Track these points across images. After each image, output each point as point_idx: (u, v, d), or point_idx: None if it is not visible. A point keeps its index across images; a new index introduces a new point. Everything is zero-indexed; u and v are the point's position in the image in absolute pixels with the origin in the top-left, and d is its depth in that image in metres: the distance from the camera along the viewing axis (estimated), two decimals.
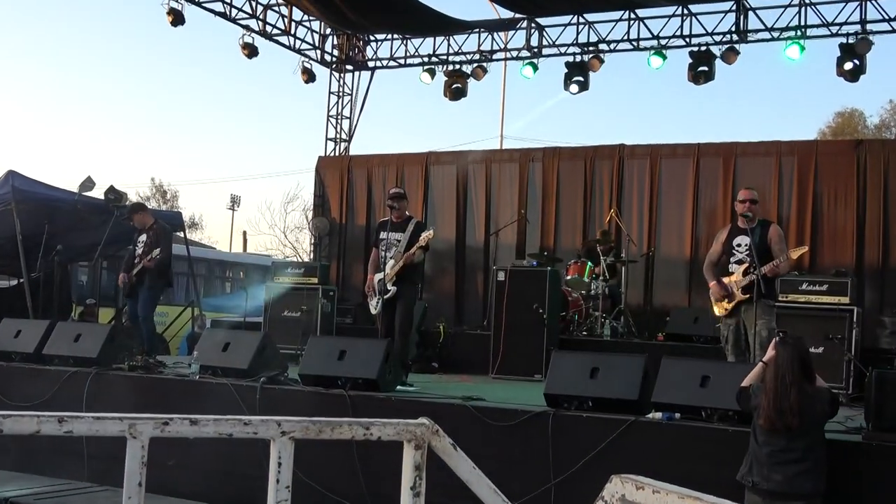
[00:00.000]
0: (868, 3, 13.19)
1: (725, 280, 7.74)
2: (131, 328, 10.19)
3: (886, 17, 13.09)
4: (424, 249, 8.76)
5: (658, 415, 6.14)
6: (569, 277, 11.86)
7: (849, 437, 5.72)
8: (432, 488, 3.10)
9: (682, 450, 5.86)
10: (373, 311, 8.91)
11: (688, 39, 14.31)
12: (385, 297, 8.59)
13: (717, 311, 7.86)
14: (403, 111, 65.69)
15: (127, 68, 72.40)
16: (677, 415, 6.09)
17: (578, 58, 14.93)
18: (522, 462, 6.39)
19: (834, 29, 13.45)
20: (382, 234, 8.82)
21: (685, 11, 14.25)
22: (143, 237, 10.33)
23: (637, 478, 2.07)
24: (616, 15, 14.79)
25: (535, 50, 15.46)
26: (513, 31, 15.80)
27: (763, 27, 13.89)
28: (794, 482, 4.92)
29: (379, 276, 8.71)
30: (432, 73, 16.04)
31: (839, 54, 13.13)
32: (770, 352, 5.31)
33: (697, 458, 5.77)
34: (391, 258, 8.66)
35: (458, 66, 15.96)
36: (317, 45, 16.66)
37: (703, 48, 14.02)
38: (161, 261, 10.09)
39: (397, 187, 9.63)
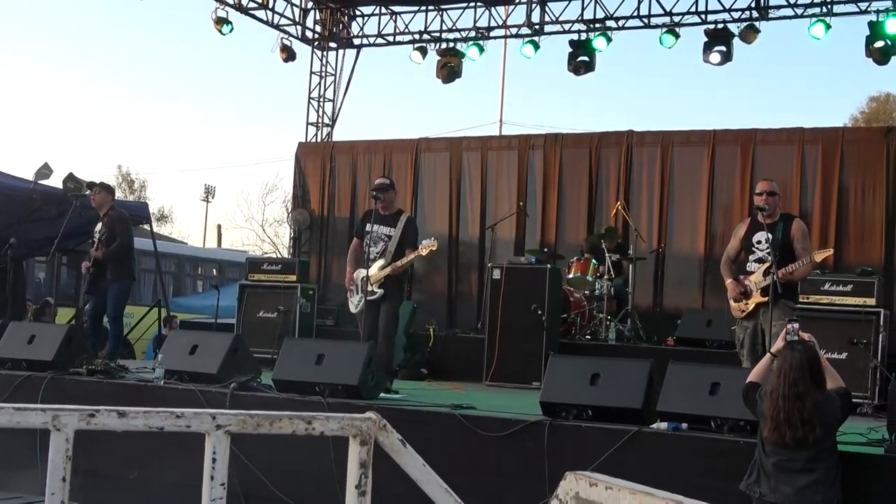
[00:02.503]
0: None
1: (744, 280, 7.79)
2: (91, 327, 10.23)
3: None
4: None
5: (663, 425, 6.19)
6: (571, 276, 11.90)
7: (870, 449, 5.77)
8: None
9: (689, 462, 5.91)
10: (353, 310, 8.96)
11: (703, 16, 14.34)
12: (370, 298, 8.64)
13: (735, 312, 7.91)
14: (392, 93, 65.62)
15: (88, 43, 72.35)
16: (684, 425, 6.13)
17: (583, 36, 14.96)
18: (516, 476, 6.44)
19: (862, 5, 13.50)
20: (368, 227, 8.84)
21: None
22: (100, 225, 10.42)
23: (591, 474, 2.13)
24: None
25: (537, 27, 15.47)
26: (512, 6, 15.82)
27: (785, 3, 13.93)
28: (803, 494, 4.98)
29: (362, 272, 8.75)
30: (424, 51, 16.06)
31: (868, 33, 13.17)
32: (779, 343, 5.37)
33: (705, 471, 5.81)
34: (378, 255, 8.70)
35: (451, 45, 15.98)
36: (297, 19, 16.67)
37: (720, 26, 14.06)
38: (118, 250, 10.17)
39: (383, 177, 9.67)
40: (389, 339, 8.69)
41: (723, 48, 13.92)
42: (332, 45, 17.14)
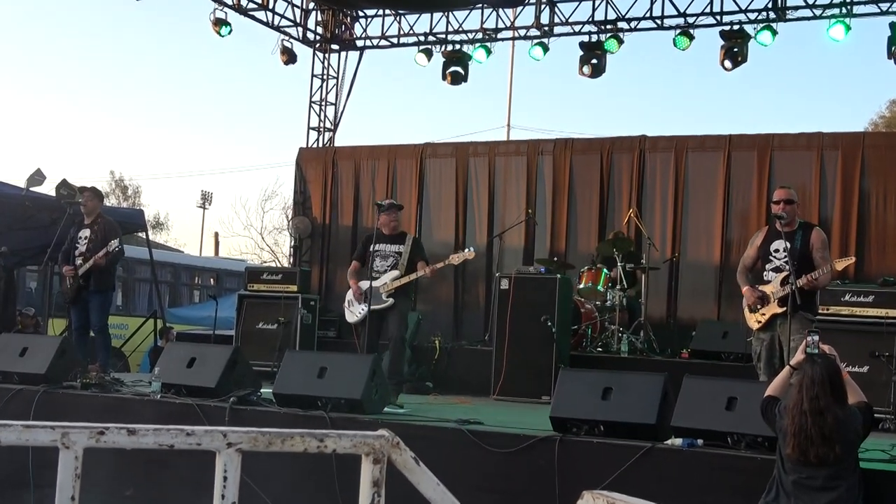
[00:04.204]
0: None
1: (761, 288, 7.79)
2: (77, 340, 10.23)
3: None
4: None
5: (678, 441, 6.18)
6: (582, 286, 11.91)
7: (893, 466, 5.76)
8: None
9: (705, 480, 5.91)
10: (351, 320, 9.20)
11: (718, 17, 14.36)
12: (377, 307, 8.95)
13: (751, 323, 7.91)
14: (396, 97, 65.85)
15: (81, 46, 72.59)
16: (700, 441, 6.12)
17: (594, 37, 14.98)
18: (525, 493, 6.44)
19: (884, 6, 13.50)
20: (374, 246, 9.32)
21: None
22: (87, 232, 10.42)
23: (608, 494, 2.14)
24: None
25: (546, 28, 15.50)
26: (520, 7, 15.85)
27: (804, 4, 13.94)
28: None
29: (365, 284, 9.10)
30: (429, 53, 16.08)
31: (889, 34, 13.17)
32: (799, 355, 5.37)
33: (722, 489, 5.81)
34: (389, 268, 9.19)
35: (458, 47, 16.01)
36: (298, 21, 16.71)
37: (736, 27, 14.07)
38: (113, 258, 10.20)
39: (393, 202, 9.87)
40: (402, 343, 9.13)
41: (738, 51, 13.93)
42: (335, 46, 17.18)
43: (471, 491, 6.17)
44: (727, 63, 13.99)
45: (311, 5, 16.89)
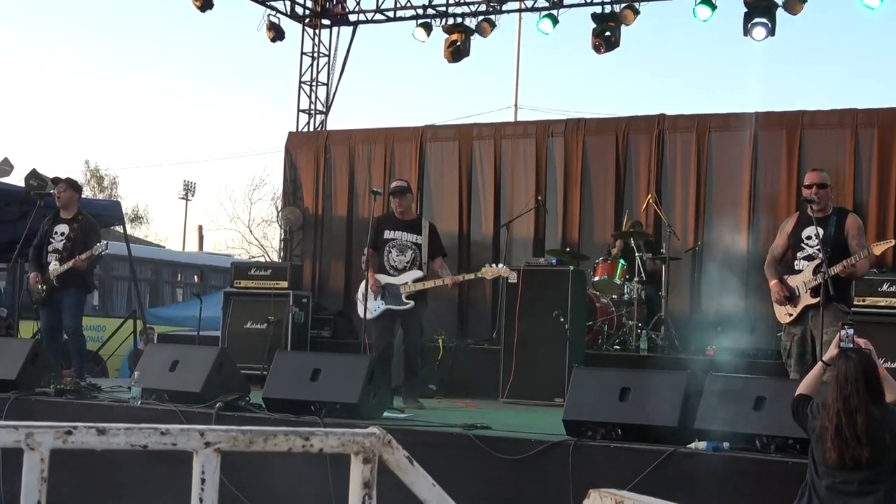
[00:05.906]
0: None
1: (791, 280, 7.78)
2: (48, 343, 10.25)
3: None
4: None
5: (702, 445, 6.20)
6: (596, 279, 11.91)
7: None
8: None
9: (732, 487, 5.93)
10: (366, 316, 9.24)
11: None
12: (397, 308, 9.27)
13: (780, 316, 7.91)
14: (393, 76, 65.80)
15: (53, 24, 72.58)
16: (725, 444, 6.15)
17: (608, 8, 14.96)
18: (537, 502, 6.45)
19: None
20: (388, 234, 9.46)
21: None
22: (65, 228, 10.36)
23: (616, 492, 2.16)
24: None
25: None
26: None
27: None
28: None
29: (384, 278, 9.35)
30: (428, 28, 16.06)
31: None
32: (832, 350, 5.38)
33: (750, 496, 5.84)
34: (409, 265, 9.39)
35: (459, 20, 15.99)
36: None
37: None
38: (95, 260, 10.21)
39: (400, 180, 9.99)
40: (419, 356, 9.62)
41: (765, 20, 13.90)
42: (326, 21, 17.16)
43: (478, 500, 6.20)
44: (756, 32, 13.92)
45: None
